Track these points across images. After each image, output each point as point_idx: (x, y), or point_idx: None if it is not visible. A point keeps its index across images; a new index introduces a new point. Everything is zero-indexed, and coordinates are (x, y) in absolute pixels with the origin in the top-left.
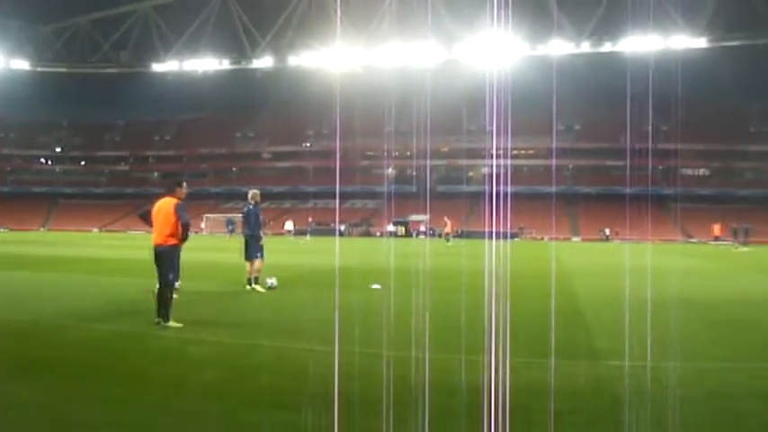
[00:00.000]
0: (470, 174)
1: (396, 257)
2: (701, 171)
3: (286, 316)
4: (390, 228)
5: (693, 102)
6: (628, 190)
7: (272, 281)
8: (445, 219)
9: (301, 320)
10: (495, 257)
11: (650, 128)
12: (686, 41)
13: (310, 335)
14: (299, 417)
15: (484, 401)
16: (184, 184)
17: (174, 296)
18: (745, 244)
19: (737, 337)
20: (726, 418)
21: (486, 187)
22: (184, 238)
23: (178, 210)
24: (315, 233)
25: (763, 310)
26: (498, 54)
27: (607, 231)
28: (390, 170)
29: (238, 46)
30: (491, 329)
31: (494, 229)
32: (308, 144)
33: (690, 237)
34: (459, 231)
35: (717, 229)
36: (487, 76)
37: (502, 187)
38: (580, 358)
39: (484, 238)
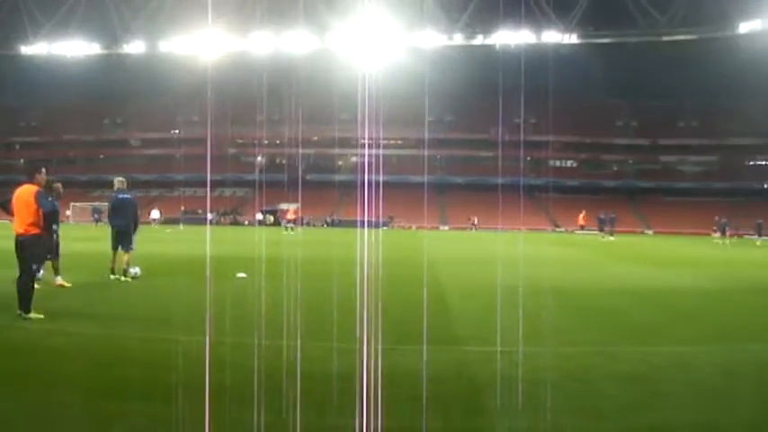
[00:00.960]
0: (340, 163)
1: (263, 246)
2: (569, 163)
3: (150, 306)
4: (259, 216)
5: (563, 96)
6: (497, 180)
7: (135, 270)
8: (286, 206)
9: (165, 310)
10: (364, 246)
11: (521, 120)
12: (557, 37)
13: (174, 324)
14: (163, 407)
15: (350, 388)
16: (43, 170)
17: (36, 286)
18: (611, 233)
19: (600, 323)
20: (585, 401)
21: (358, 176)
22: (47, 226)
23: (38, 198)
24: (184, 222)
25: (625, 297)
26: (371, 45)
27: (475, 220)
28: (260, 158)
29: (109, 30)
30: (360, 317)
31: (365, 218)
32: (177, 131)
33: (557, 226)
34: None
35: (581, 218)
36: (360, 66)
37: (373, 176)
38: (444, 344)
39: (355, 226)
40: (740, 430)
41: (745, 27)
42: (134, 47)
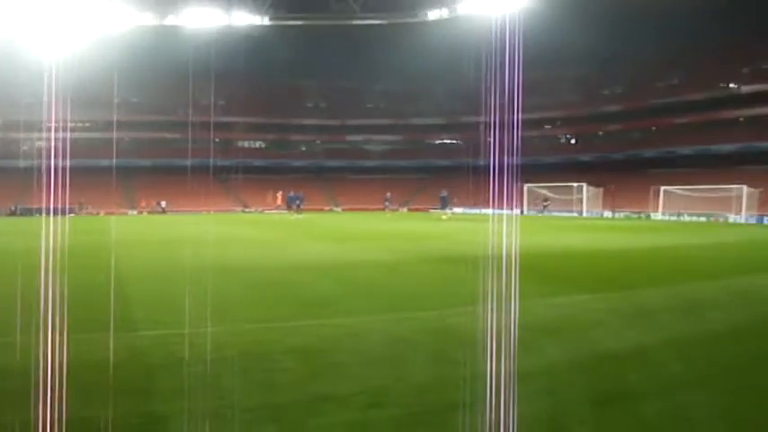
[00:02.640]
0: (25, 147)
1: None
2: (258, 143)
3: None
4: None
5: (252, 77)
6: (185, 162)
7: None
8: None
9: None
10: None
11: (211, 102)
12: (248, 18)
13: None
14: None
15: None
16: None
17: None
18: (299, 211)
19: (278, 299)
20: (258, 376)
21: (43, 161)
22: None
23: None
24: None
25: (306, 273)
26: (53, 25)
27: (163, 204)
28: None
29: None
30: (37, 307)
31: (51, 205)
32: None
33: (246, 207)
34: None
35: (279, 197)
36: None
37: (61, 161)
38: (121, 330)
39: (40, 214)
40: (406, 393)
41: (433, 14)
42: None
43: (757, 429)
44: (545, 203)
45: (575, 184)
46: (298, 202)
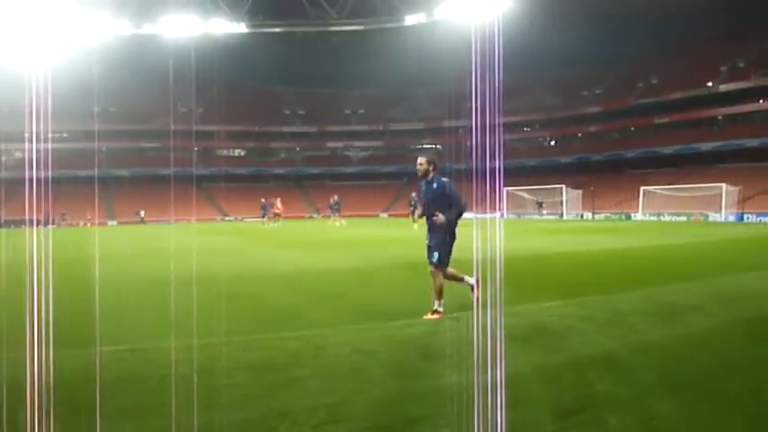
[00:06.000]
0: (3, 159)
1: None
2: (237, 152)
3: None
4: None
5: (231, 84)
6: (165, 171)
7: None
8: None
9: None
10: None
11: (191, 110)
12: (226, 26)
13: None
14: None
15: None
16: None
17: None
18: (274, 220)
19: (240, 311)
20: (211, 393)
21: (24, 172)
22: None
23: None
24: None
25: (272, 283)
26: (33, 36)
27: (142, 214)
28: None
29: None
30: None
31: (34, 217)
32: None
33: (226, 215)
34: None
35: (279, 205)
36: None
37: (40, 172)
38: (75, 347)
39: (21, 226)
40: (364, 409)
41: (411, 19)
42: None
43: None
44: (540, 206)
45: (554, 187)
46: (270, 209)
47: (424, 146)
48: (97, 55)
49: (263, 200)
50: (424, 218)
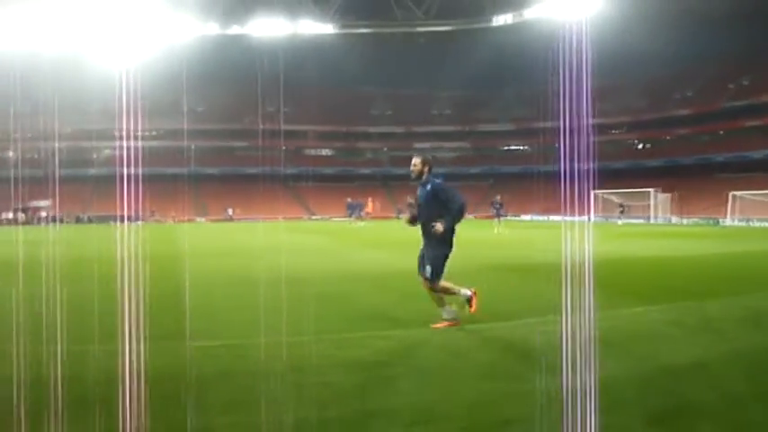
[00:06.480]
0: (95, 156)
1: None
2: (325, 151)
3: None
4: (9, 215)
5: (318, 85)
6: (253, 170)
7: None
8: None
9: None
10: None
11: (279, 110)
12: (314, 27)
13: None
14: None
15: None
16: None
17: None
18: (360, 219)
19: (331, 310)
20: (307, 391)
21: (115, 169)
22: None
23: None
24: None
25: (355, 282)
26: (123, 37)
27: (230, 211)
28: (12, 153)
29: None
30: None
31: (124, 213)
32: None
33: (313, 214)
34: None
35: (370, 205)
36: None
37: (131, 170)
38: (173, 340)
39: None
40: (456, 411)
41: (498, 20)
42: None
43: None
44: (621, 209)
45: (642, 190)
46: (359, 209)
47: (511, 147)
48: (186, 56)
49: (348, 199)
50: (420, 224)
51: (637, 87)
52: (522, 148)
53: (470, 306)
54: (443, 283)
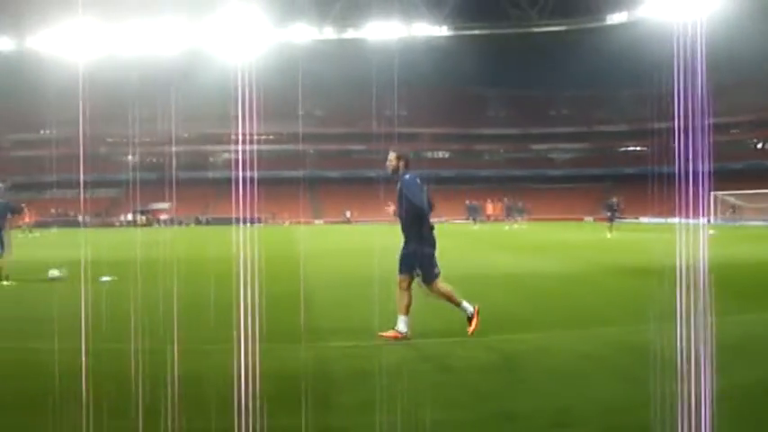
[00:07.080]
0: (211, 159)
1: (135, 247)
2: (441, 153)
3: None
4: (129, 217)
5: (434, 87)
6: (370, 173)
7: (55, 272)
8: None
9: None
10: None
11: (394, 113)
12: (428, 29)
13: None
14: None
15: (233, 390)
16: None
17: None
18: (475, 221)
19: (457, 313)
20: (443, 392)
21: (231, 172)
22: None
23: None
24: (59, 224)
25: (481, 284)
26: (241, 40)
27: (348, 214)
28: (132, 157)
29: None
30: (238, 316)
31: (240, 215)
32: (46, 131)
33: (439, 216)
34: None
35: (490, 207)
36: (230, 61)
37: (247, 172)
38: (309, 341)
39: (229, 224)
40: (592, 414)
41: (612, 18)
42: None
43: None
44: (732, 211)
45: (765, 191)
46: (475, 212)
47: (629, 148)
48: (303, 60)
49: (467, 202)
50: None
51: (757, 85)
52: (639, 148)
53: (470, 324)
54: (444, 287)
